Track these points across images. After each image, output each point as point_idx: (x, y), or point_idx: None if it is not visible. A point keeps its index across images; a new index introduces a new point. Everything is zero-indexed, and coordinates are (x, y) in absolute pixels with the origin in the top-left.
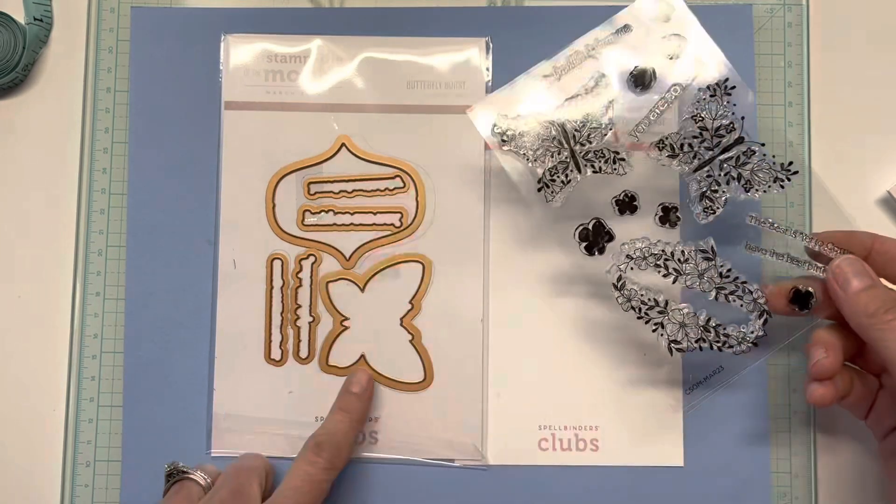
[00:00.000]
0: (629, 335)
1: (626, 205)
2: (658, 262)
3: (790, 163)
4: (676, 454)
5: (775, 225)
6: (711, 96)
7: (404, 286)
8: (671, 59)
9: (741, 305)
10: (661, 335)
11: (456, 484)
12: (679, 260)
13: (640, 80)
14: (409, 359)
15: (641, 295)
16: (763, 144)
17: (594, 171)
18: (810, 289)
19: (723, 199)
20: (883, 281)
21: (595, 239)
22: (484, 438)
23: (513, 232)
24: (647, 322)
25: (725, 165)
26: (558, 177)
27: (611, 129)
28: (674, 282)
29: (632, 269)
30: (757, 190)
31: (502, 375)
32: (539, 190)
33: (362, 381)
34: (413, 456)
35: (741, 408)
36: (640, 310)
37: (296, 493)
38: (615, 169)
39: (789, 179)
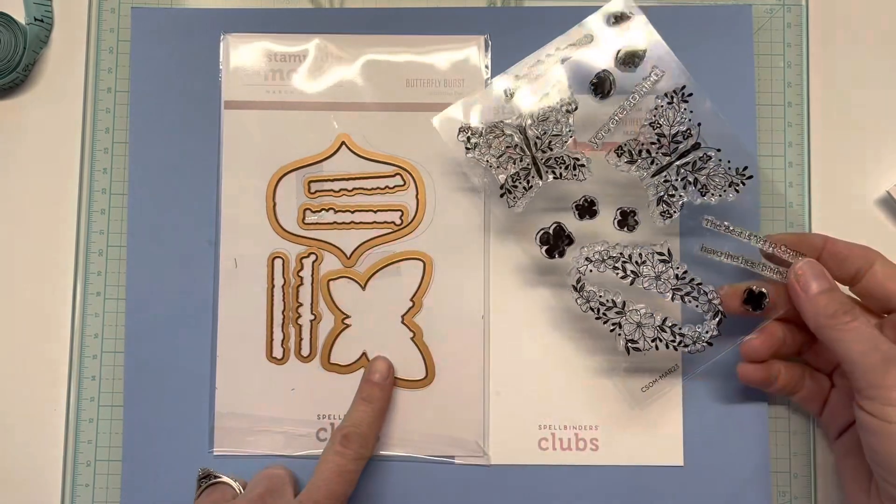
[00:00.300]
0: None
1: (586, 209)
2: (616, 265)
3: (745, 167)
4: (676, 454)
5: (731, 228)
6: (669, 103)
7: (405, 284)
8: (630, 67)
9: (697, 306)
10: (619, 335)
11: (457, 482)
12: (636, 262)
13: (600, 88)
14: (411, 356)
15: (600, 296)
16: (719, 150)
17: (555, 178)
18: (763, 290)
19: (679, 203)
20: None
21: (555, 242)
22: (486, 435)
23: (513, 229)
24: (605, 322)
25: (682, 171)
26: (520, 183)
27: (571, 136)
28: (631, 283)
29: (591, 271)
30: (713, 194)
31: (503, 374)
32: (502, 196)
33: (382, 369)
34: (415, 453)
35: (741, 408)
36: (598, 310)
37: (328, 483)
38: (575, 175)
39: (744, 184)
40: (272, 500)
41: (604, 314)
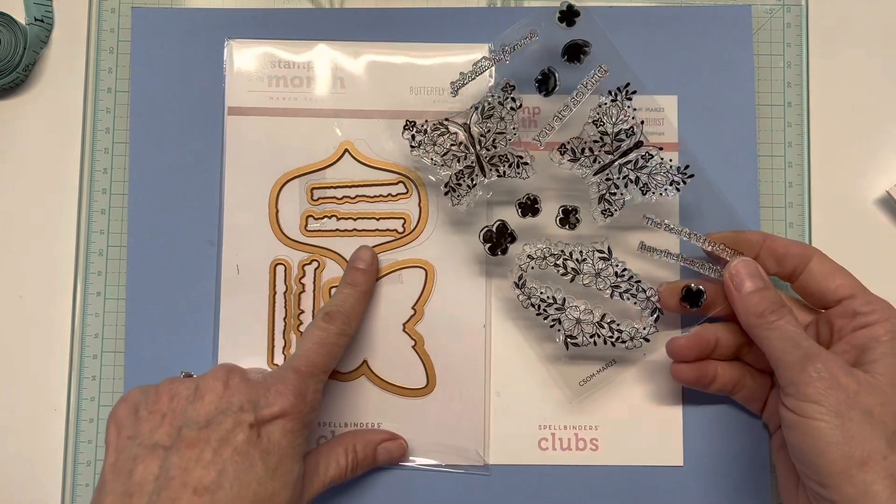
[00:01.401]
0: None
1: (529, 207)
2: (557, 262)
3: (686, 166)
4: (676, 454)
5: (671, 226)
6: (612, 101)
7: (407, 292)
8: (575, 62)
9: (635, 303)
10: (559, 331)
11: (457, 485)
12: (577, 260)
13: (545, 85)
14: (412, 365)
15: (540, 293)
16: (661, 149)
17: (499, 175)
18: (701, 287)
19: (621, 201)
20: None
21: (499, 240)
22: (486, 444)
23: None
24: (545, 318)
25: (624, 169)
26: (464, 181)
27: (515, 134)
28: (571, 280)
29: (533, 268)
30: (654, 193)
31: (503, 376)
32: (446, 194)
33: (366, 257)
34: (415, 461)
35: (741, 408)
36: (539, 307)
37: (308, 353)
38: (518, 173)
39: (685, 182)
40: (239, 371)
41: (544, 310)
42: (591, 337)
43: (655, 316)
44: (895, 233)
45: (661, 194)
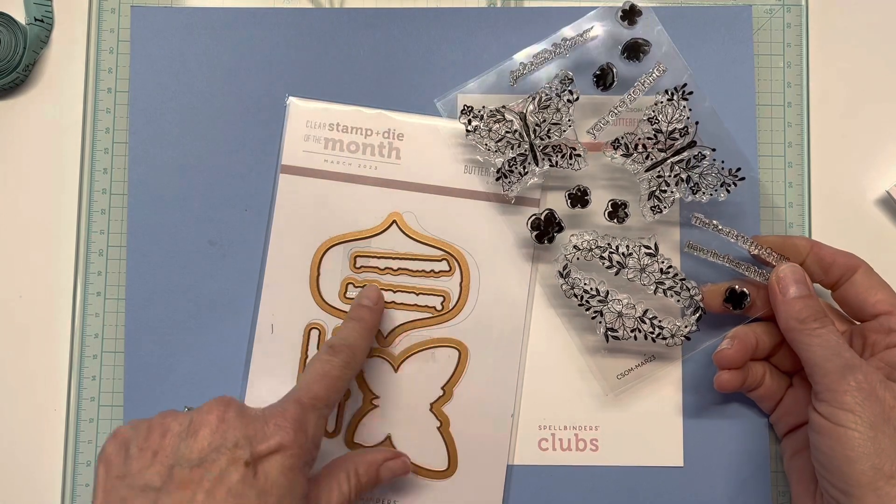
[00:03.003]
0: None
1: (578, 199)
2: (603, 255)
3: (738, 169)
4: (676, 454)
5: (719, 227)
6: (669, 100)
7: (438, 371)
8: (634, 60)
9: (678, 301)
10: (600, 323)
11: None
12: (623, 254)
13: (602, 81)
14: (435, 446)
15: (584, 284)
16: (714, 149)
17: (551, 165)
18: (745, 290)
19: (671, 199)
20: (816, 286)
21: (546, 229)
22: None
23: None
24: (587, 310)
25: (676, 167)
26: (516, 168)
27: (570, 126)
28: (616, 274)
29: (578, 259)
30: (704, 193)
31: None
32: (497, 179)
33: (373, 295)
34: None
35: (741, 409)
36: (581, 298)
37: (309, 384)
38: (571, 164)
39: (735, 185)
40: (237, 404)
41: (586, 301)
42: (631, 331)
43: (698, 315)
44: (895, 233)
45: (710, 195)
